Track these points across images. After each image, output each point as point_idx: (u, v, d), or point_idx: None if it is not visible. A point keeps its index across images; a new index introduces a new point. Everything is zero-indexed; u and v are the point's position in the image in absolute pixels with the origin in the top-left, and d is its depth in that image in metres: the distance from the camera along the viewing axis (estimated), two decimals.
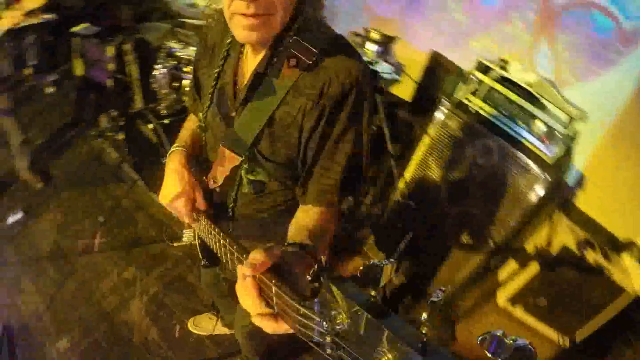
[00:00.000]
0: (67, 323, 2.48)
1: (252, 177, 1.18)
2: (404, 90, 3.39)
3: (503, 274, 2.49)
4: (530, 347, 0.44)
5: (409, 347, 0.47)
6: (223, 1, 0.92)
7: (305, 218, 1.08)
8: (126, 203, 3.19)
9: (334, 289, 0.57)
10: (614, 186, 2.23)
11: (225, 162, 1.13)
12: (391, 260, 0.59)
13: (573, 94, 2.25)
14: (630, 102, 2.14)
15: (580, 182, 2.34)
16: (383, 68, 3.16)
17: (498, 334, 0.45)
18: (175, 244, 1.50)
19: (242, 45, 1.11)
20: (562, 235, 2.22)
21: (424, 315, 0.48)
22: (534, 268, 2.29)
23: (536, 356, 0.45)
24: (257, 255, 0.71)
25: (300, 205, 1.13)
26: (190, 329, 2.48)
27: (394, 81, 3.45)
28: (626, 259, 2.11)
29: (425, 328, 0.48)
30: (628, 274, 2.06)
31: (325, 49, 1.00)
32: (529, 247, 2.37)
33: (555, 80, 2.35)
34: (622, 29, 2.13)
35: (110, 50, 3.15)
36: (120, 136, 3.42)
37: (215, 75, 1.15)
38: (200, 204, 1.22)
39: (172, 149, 1.29)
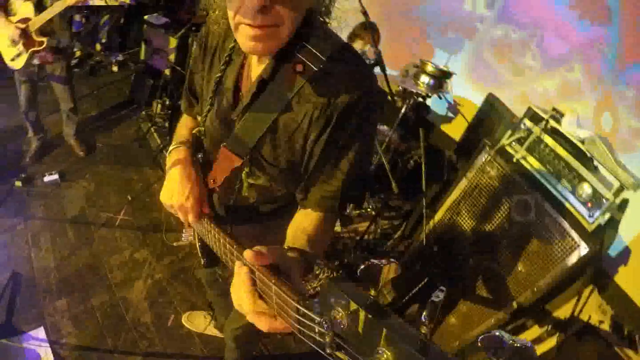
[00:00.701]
0: (70, 286, 2.55)
1: (252, 181, 1.15)
2: (455, 128, 3.27)
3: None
4: (530, 347, 0.43)
5: (408, 347, 0.46)
6: (228, 11, 0.89)
7: (304, 222, 1.05)
8: (156, 188, 3.24)
9: (334, 288, 0.56)
10: None
11: (226, 163, 1.11)
12: (391, 260, 0.58)
13: (633, 160, 2.05)
14: None
15: (623, 255, 2.09)
16: (436, 103, 3.07)
17: (498, 333, 0.44)
18: (174, 243, 1.48)
19: None
20: (591, 310, 2.00)
21: (424, 315, 0.48)
22: (552, 340, 2.06)
23: (536, 357, 0.43)
24: (262, 249, 0.74)
25: (300, 209, 1.11)
26: (184, 322, 2.46)
27: (445, 118, 3.35)
28: None
29: (425, 328, 0.47)
30: None
31: (332, 56, 0.96)
32: (552, 316, 2.15)
33: (613, 140, 2.15)
34: None
35: (172, 42, 3.30)
36: (167, 124, 3.54)
37: (217, 79, 1.12)
38: (204, 205, 1.18)
39: (172, 147, 1.24)
